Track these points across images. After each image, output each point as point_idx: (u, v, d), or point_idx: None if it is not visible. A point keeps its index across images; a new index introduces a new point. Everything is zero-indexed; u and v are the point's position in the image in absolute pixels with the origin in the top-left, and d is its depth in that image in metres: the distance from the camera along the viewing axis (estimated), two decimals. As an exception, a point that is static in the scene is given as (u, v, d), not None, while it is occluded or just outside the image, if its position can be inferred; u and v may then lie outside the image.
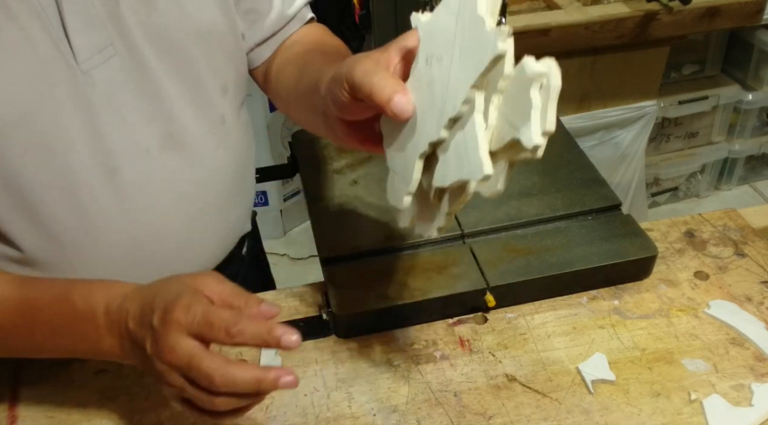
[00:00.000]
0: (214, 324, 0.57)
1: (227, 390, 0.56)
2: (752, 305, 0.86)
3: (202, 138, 0.80)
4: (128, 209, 0.76)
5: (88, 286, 0.67)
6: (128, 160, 0.74)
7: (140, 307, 0.61)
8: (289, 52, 0.89)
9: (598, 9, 1.60)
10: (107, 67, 0.70)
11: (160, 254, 0.81)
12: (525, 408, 0.75)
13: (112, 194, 0.74)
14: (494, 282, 0.84)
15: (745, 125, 2.23)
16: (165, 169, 0.77)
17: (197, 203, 0.82)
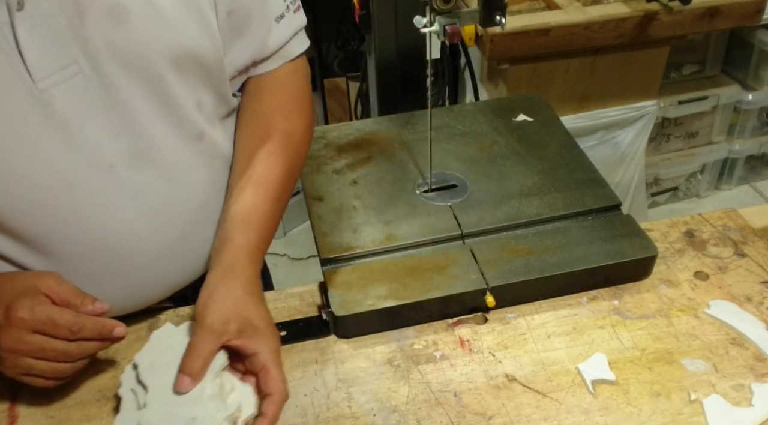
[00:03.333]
0: (59, 324, 0.69)
1: (80, 334, 0.70)
2: (752, 305, 0.86)
3: (175, 154, 0.79)
4: (90, 224, 0.76)
5: None
6: (88, 176, 0.74)
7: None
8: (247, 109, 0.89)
9: (598, 9, 1.60)
10: (69, 84, 0.70)
11: (132, 269, 0.81)
12: (525, 408, 0.75)
13: (71, 208, 0.75)
14: (494, 282, 0.84)
15: (745, 125, 2.23)
16: (131, 185, 0.77)
17: (171, 219, 0.81)
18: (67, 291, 0.71)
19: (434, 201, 0.97)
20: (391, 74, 1.32)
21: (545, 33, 1.56)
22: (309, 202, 0.98)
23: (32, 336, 0.68)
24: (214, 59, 0.80)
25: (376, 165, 1.04)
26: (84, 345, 0.71)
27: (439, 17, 0.85)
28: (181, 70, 0.76)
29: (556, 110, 1.15)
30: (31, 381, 0.72)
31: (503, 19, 0.84)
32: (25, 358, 0.69)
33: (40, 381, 0.72)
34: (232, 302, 0.74)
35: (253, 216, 0.82)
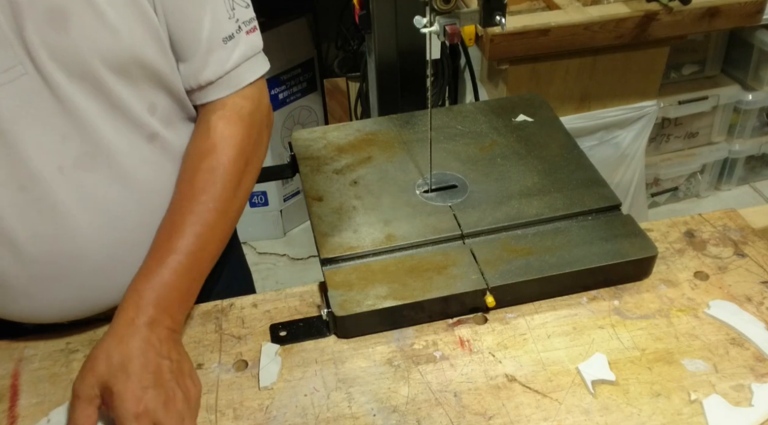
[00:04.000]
0: None
1: None
2: (752, 305, 0.86)
3: (126, 157, 0.78)
4: (37, 227, 0.75)
5: None
6: (37, 178, 0.73)
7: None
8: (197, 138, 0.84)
9: (598, 9, 1.60)
10: (15, 86, 0.70)
11: (82, 273, 0.80)
12: (525, 408, 0.75)
13: (20, 212, 0.74)
14: (494, 282, 0.84)
15: (745, 125, 2.23)
16: (81, 188, 0.76)
17: (124, 222, 0.80)
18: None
19: (434, 201, 0.97)
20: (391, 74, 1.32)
21: (545, 33, 1.56)
22: (309, 202, 0.98)
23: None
24: (166, 65, 0.78)
25: (376, 165, 1.04)
26: None
27: (439, 17, 0.85)
28: (128, 75, 0.75)
29: (556, 110, 1.15)
30: None
31: (503, 19, 0.84)
32: None
33: None
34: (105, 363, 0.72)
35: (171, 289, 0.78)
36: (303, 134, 1.11)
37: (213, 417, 0.76)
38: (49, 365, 0.82)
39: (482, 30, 1.54)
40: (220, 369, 0.81)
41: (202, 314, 0.88)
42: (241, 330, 0.86)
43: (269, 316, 0.87)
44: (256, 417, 0.76)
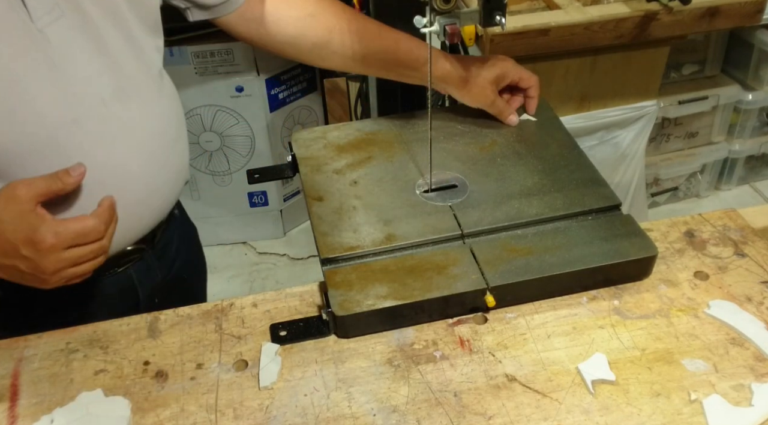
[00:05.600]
0: (87, 233, 0.75)
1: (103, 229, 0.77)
2: (752, 305, 0.86)
3: (147, 89, 0.88)
4: (89, 157, 0.80)
5: None
6: (87, 111, 0.80)
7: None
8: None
9: (598, 9, 1.60)
10: (58, 26, 0.76)
11: (125, 199, 0.85)
12: (525, 408, 0.75)
13: (76, 145, 0.80)
14: (494, 282, 0.84)
15: (745, 125, 2.23)
16: (119, 118, 0.84)
17: (151, 148, 0.89)
18: (44, 186, 0.75)
19: (434, 201, 0.97)
20: (391, 74, 1.32)
21: (545, 33, 1.56)
22: (309, 202, 0.98)
23: (68, 252, 0.74)
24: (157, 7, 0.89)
25: (376, 165, 1.04)
26: (110, 231, 0.79)
27: (439, 17, 0.85)
28: (139, 13, 0.85)
29: (556, 110, 1.15)
30: (76, 280, 0.78)
31: (503, 19, 0.84)
32: (68, 269, 0.75)
33: (84, 276, 0.79)
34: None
35: None
36: (303, 134, 1.11)
37: (213, 417, 0.76)
38: (49, 365, 0.82)
39: (482, 30, 1.54)
40: (220, 369, 0.81)
41: (202, 314, 0.88)
42: (241, 329, 0.86)
43: (269, 316, 0.87)
44: (256, 417, 0.76)
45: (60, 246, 0.73)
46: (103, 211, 0.78)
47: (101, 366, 0.82)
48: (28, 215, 0.73)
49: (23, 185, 0.73)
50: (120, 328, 0.87)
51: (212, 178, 2.20)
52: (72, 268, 0.76)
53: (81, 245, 0.75)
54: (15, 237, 0.72)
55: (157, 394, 0.79)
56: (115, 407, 0.76)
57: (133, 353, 0.84)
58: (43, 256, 0.73)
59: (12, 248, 0.72)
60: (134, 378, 0.80)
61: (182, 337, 0.85)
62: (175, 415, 0.76)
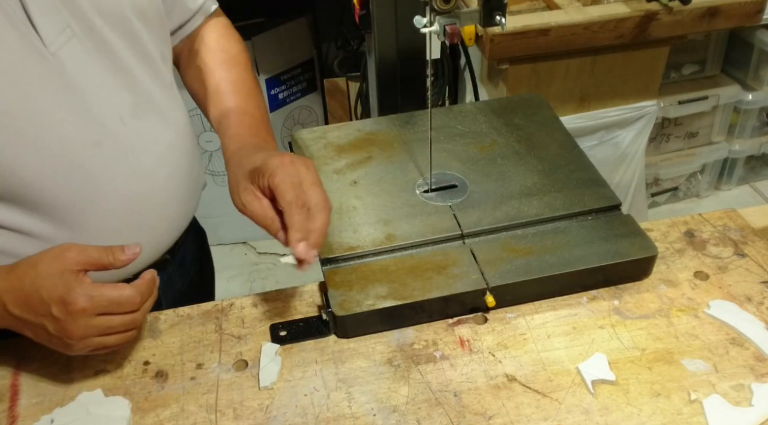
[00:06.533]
0: (122, 302, 0.72)
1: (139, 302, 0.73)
2: (752, 305, 0.86)
3: (162, 102, 0.87)
4: (115, 177, 0.81)
5: None
6: (108, 131, 0.80)
7: (20, 297, 0.70)
8: (194, 53, 0.99)
9: (598, 9, 1.60)
10: (69, 47, 0.75)
11: (152, 212, 0.86)
12: (525, 408, 0.75)
13: (100, 165, 0.79)
14: (494, 282, 0.84)
15: (745, 125, 2.23)
16: (139, 134, 0.83)
17: (171, 159, 0.89)
18: (95, 256, 0.72)
19: (434, 201, 0.97)
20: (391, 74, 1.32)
21: (545, 33, 1.56)
22: (309, 202, 0.98)
23: (98, 319, 0.71)
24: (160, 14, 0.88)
25: (376, 165, 1.04)
26: (146, 306, 0.74)
27: (439, 17, 0.85)
28: (146, 24, 0.84)
29: (556, 110, 1.15)
30: (102, 351, 0.75)
31: (503, 19, 0.84)
32: (95, 338, 0.72)
33: (110, 349, 0.75)
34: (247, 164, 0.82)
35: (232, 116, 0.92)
36: (303, 134, 1.11)
37: (213, 417, 0.76)
38: (49, 365, 0.82)
39: (482, 30, 1.54)
40: (220, 368, 0.81)
41: (202, 314, 0.88)
42: (241, 329, 0.86)
43: (269, 316, 0.87)
44: (256, 417, 0.76)
45: (91, 311, 0.70)
46: (142, 283, 0.74)
47: (101, 366, 0.82)
48: (68, 275, 0.70)
49: (75, 249, 0.72)
50: (120, 328, 0.87)
51: (212, 178, 2.20)
52: (99, 337, 0.72)
53: (114, 314, 0.72)
54: (49, 295, 0.69)
55: (157, 394, 0.79)
56: (115, 407, 0.76)
57: (133, 353, 0.84)
58: (72, 319, 0.70)
59: (43, 306, 0.70)
60: (134, 378, 0.80)
61: (182, 337, 0.85)
62: (175, 415, 0.76)
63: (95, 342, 0.72)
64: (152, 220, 0.87)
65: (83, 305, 0.69)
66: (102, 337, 0.72)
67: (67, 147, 0.76)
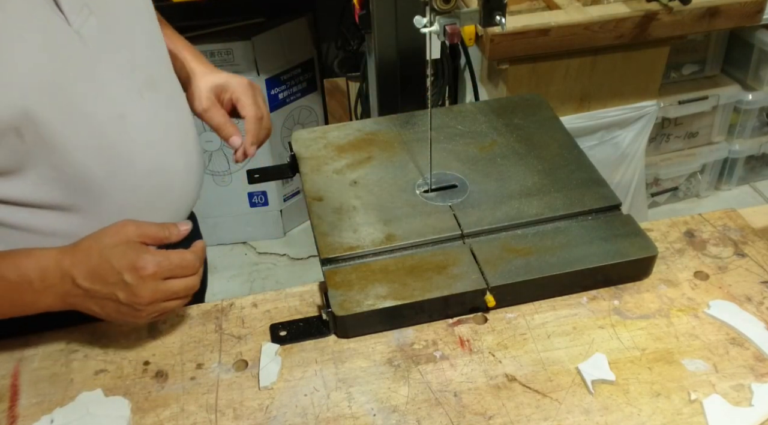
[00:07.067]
0: (185, 265, 0.77)
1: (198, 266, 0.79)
2: (752, 305, 0.86)
3: (167, 80, 0.91)
4: (138, 150, 0.84)
5: (12, 259, 0.75)
6: (129, 104, 0.82)
7: (90, 270, 0.74)
8: None
9: (598, 9, 1.60)
10: (88, 25, 0.77)
11: (167, 186, 0.89)
12: (525, 408, 0.75)
13: (125, 137, 0.82)
14: (494, 282, 0.84)
15: (745, 125, 2.23)
16: (154, 109, 0.86)
17: (184, 134, 0.92)
18: (153, 230, 0.78)
19: (434, 201, 0.97)
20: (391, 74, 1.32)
21: (545, 33, 1.56)
22: (309, 202, 0.98)
23: (164, 284, 0.76)
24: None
25: (376, 165, 1.04)
26: (200, 272, 0.80)
27: (439, 17, 0.85)
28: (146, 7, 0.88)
29: (556, 110, 1.15)
30: (162, 317, 0.82)
31: (503, 19, 0.84)
32: (161, 303, 0.76)
33: (169, 314, 0.83)
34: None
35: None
36: (303, 134, 1.11)
37: (213, 417, 0.76)
38: (49, 365, 0.82)
39: (482, 30, 1.54)
40: (220, 369, 0.81)
41: (202, 314, 0.88)
42: (241, 329, 0.86)
43: (269, 316, 0.87)
44: (256, 417, 0.76)
45: (160, 275, 0.75)
46: (198, 250, 0.80)
47: (101, 366, 0.82)
48: (134, 244, 0.76)
49: (133, 224, 0.77)
50: (120, 328, 0.87)
51: (212, 178, 2.20)
52: (164, 302, 0.77)
53: (177, 277, 0.77)
54: (120, 264, 0.73)
55: (157, 394, 0.79)
56: (115, 407, 0.76)
57: (133, 353, 0.84)
58: (143, 283, 0.74)
59: (115, 275, 0.74)
60: (134, 378, 0.80)
61: (182, 337, 0.85)
62: (175, 415, 0.76)
63: (161, 306, 0.77)
64: (170, 192, 0.90)
65: (153, 269, 0.74)
66: (166, 302, 0.77)
67: (95, 121, 0.79)
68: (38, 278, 0.74)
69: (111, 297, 0.75)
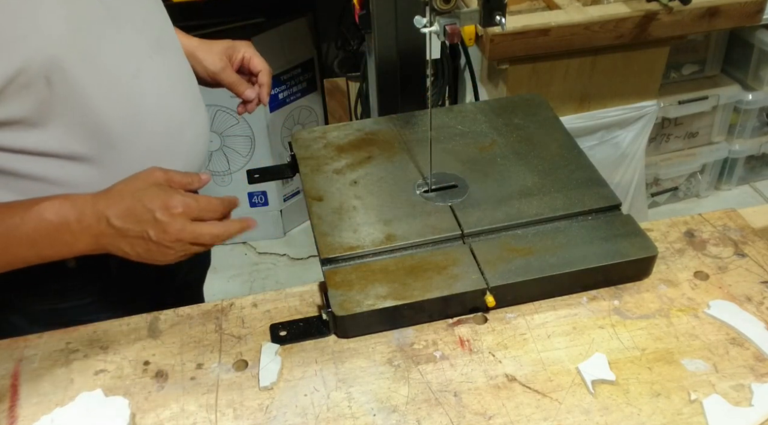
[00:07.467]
0: (212, 209, 0.83)
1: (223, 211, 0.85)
2: (752, 305, 0.86)
3: (172, 41, 0.96)
4: (152, 103, 0.88)
5: (51, 202, 0.79)
6: (143, 62, 0.87)
7: (124, 210, 0.79)
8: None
9: (598, 9, 1.60)
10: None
11: (179, 143, 0.94)
12: (525, 408, 0.75)
13: (141, 91, 0.87)
14: (494, 282, 0.84)
15: (745, 125, 2.23)
16: (164, 67, 0.91)
17: (191, 94, 0.97)
18: (178, 177, 0.84)
19: (434, 201, 0.97)
20: (391, 74, 1.32)
21: (545, 33, 1.56)
22: (309, 202, 0.98)
23: (192, 224, 0.81)
24: None
25: (376, 165, 1.04)
26: (225, 222, 0.86)
27: (439, 17, 0.85)
28: None
29: (556, 110, 1.15)
30: (185, 258, 0.84)
31: (503, 19, 0.84)
32: (186, 244, 0.81)
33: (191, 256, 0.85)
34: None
35: None
36: (303, 134, 1.11)
37: (213, 417, 0.76)
38: (49, 365, 0.82)
39: (482, 30, 1.54)
40: (220, 369, 0.81)
41: (202, 314, 0.88)
42: (241, 329, 0.86)
43: (269, 316, 0.88)
44: (256, 417, 0.76)
45: (189, 214, 0.81)
46: (226, 198, 0.86)
47: (101, 366, 0.82)
48: (164, 187, 0.82)
49: (160, 170, 0.83)
50: (120, 328, 0.87)
51: (212, 178, 2.20)
52: (189, 245, 0.82)
53: (205, 220, 0.82)
54: (152, 203, 0.79)
55: (157, 394, 0.79)
56: (115, 407, 0.76)
57: (133, 353, 0.84)
58: (174, 220, 0.80)
59: (148, 213, 0.79)
60: (134, 378, 0.80)
61: (182, 337, 0.85)
62: (175, 415, 0.76)
63: (186, 248, 0.82)
64: (182, 146, 0.94)
65: (182, 209, 0.80)
66: (191, 245, 0.82)
67: (114, 75, 0.83)
68: (75, 219, 0.79)
69: (142, 235, 0.79)
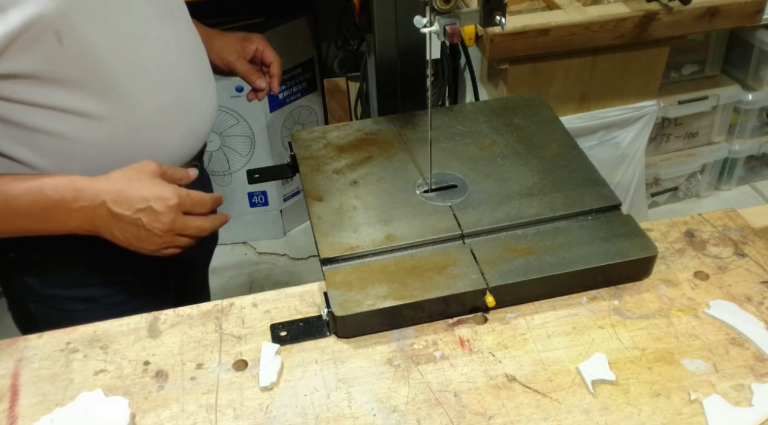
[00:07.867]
0: (205, 203, 0.90)
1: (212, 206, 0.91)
2: (752, 305, 0.86)
3: (183, 14, 0.98)
4: (161, 63, 0.91)
5: (53, 179, 0.84)
6: (151, 26, 0.90)
7: (122, 196, 0.84)
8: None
9: (598, 9, 1.60)
10: None
11: (186, 112, 0.96)
12: (525, 408, 0.75)
13: (150, 52, 0.90)
14: (494, 282, 0.84)
15: (745, 125, 2.23)
16: (173, 33, 0.94)
17: (198, 62, 1.00)
18: (171, 170, 0.89)
19: (434, 201, 0.97)
20: (391, 74, 1.32)
21: (545, 33, 1.56)
22: (309, 202, 0.98)
23: (182, 217, 0.87)
24: None
25: (376, 165, 1.04)
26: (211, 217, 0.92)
27: (439, 17, 0.85)
28: None
29: (556, 110, 1.15)
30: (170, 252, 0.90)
31: (503, 19, 0.84)
32: (174, 235, 0.87)
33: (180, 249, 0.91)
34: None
35: None
36: (303, 134, 1.11)
37: (213, 417, 0.76)
38: (49, 365, 0.82)
39: (482, 30, 1.54)
40: (220, 368, 0.81)
41: (202, 314, 0.88)
42: (241, 329, 0.86)
43: (269, 316, 0.88)
44: (256, 417, 0.76)
45: (181, 207, 0.86)
46: (213, 195, 0.92)
47: (101, 366, 0.82)
48: (158, 179, 0.87)
49: (155, 163, 0.87)
50: (120, 328, 0.87)
51: (212, 178, 2.19)
52: (177, 236, 0.87)
53: (194, 214, 0.88)
54: (149, 193, 0.84)
55: (157, 394, 0.79)
56: (115, 407, 0.76)
57: (133, 353, 0.84)
58: (167, 211, 0.85)
59: (144, 202, 0.84)
60: (134, 378, 0.80)
61: (182, 337, 0.85)
62: (175, 415, 0.76)
63: (173, 239, 0.87)
64: (189, 108, 0.97)
65: (176, 201, 0.85)
66: (178, 237, 0.87)
67: (125, 35, 0.86)
68: (73, 198, 0.83)
69: (135, 222, 0.85)
